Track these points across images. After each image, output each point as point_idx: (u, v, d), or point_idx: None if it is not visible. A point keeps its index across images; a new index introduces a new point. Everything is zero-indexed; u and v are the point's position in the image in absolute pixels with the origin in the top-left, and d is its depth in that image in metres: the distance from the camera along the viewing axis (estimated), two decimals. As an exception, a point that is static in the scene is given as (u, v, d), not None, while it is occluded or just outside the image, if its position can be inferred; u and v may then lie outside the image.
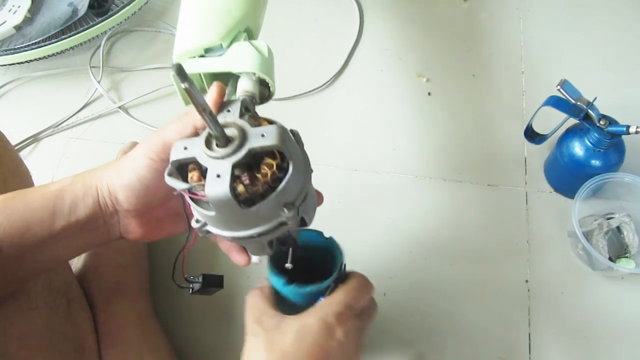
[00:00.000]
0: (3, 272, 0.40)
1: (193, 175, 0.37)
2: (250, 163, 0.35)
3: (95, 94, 0.83)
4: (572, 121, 0.61)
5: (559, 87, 0.58)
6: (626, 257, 0.61)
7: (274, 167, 0.36)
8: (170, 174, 0.37)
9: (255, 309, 0.42)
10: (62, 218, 0.40)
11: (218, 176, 0.34)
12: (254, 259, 0.43)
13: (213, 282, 0.51)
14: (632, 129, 0.55)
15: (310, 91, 0.79)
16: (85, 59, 0.86)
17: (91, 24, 0.82)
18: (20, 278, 0.43)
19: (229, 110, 0.38)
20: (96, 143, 0.79)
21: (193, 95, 0.32)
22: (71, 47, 0.83)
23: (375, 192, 0.70)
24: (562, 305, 0.61)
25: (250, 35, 0.49)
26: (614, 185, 0.62)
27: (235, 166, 0.34)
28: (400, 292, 0.62)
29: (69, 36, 0.81)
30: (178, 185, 0.36)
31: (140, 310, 0.58)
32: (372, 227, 0.67)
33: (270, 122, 0.38)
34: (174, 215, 0.44)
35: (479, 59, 0.80)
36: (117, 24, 0.86)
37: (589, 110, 0.57)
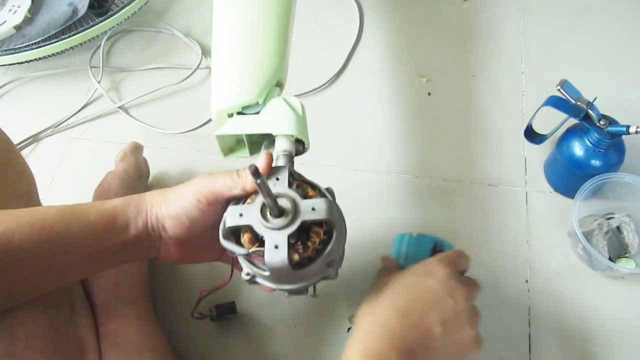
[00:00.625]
0: (48, 276, 0.44)
1: (245, 237, 0.42)
2: (300, 231, 0.41)
3: (95, 94, 0.83)
4: (572, 121, 0.61)
5: (559, 87, 0.58)
6: (626, 257, 0.61)
7: (322, 234, 0.42)
8: (226, 238, 0.43)
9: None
10: (113, 235, 0.44)
11: (276, 247, 0.40)
12: (285, 294, 0.47)
13: (226, 311, 0.60)
14: (632, 129, 0.55)
15: (310, 91, 0.79)
16: (85, 59, 0.86)
17: (91, 24, 0.82)
18: (57, 284, 0.47)
19: (277, 179, 0.44)
20: (96, 143, 0.79)
21: (262, 185, 0.38)
22: (71, 47, 0.83)
23: (375, 192, 0.70)
24: (562, 305, 0.61)
25: (280, 86, 0.53)
26: (614, 185, 0.62)
27: (290, 237, 0.40)
28: (400, 292, 0.62)
29: (69, 36, 0.81)
30: (237, 250, 0.42)
31: (140, 312, 0.58)
32: (372, 227, 0.67)
33: (313, 186, 0.45)
34: (207, 245, 0.49)
35: (479, 59, 0.80)
36: (117, 24, 0.86)
37: (589, 110, 0.57)
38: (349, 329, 0.61)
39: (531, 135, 0.68)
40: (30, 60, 0.83)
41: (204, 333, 0.62)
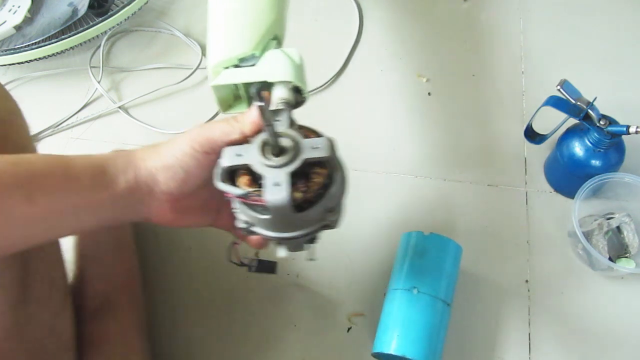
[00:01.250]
0: (30, 225, 0.39)
1: (242, 180, 0.39)
2: (301, 172, 0.39)
3: (95, 94, 0.83)
4: (572, 121, 0.61)
5: (559, 87, 0.58)
6: (626, 257, 0.61)
7: (324, 175, 0.40)
8: (222, 179, 0.39)
9: None
10: (101, 186, 0.40)
11: (277, 185, 0.37)
12: (282, 253, 0.44)
13: (266, 268, 0.59)
14: (632, 129, 0.55)
15: (310, 91, 0.79)
16: (85, 59, 0.86)
17: (91, 24, 0.83)
18: (38, 236, 0.42)
19: (277, 120, 0.41)
20: (96, 143, 0.79)
21: (265, 112, 0.36)
22: (71, 47, 0.83)
23: (375, 192, 0.70)
24: (562, 305, 0.61)
25: (279, 41, 0.51)
26: (614, 185, 0.62)
27: (291, 175, 0.38)
28: (400, 292, 0.62)
29: (69, 36, 0.81)
30: (234, 191, 0.38)
31: (127, 326, 0.57)
32: (372, 227, 0.67)
33: (314, 131, 0.42)
34: (201, 207, 0.46)
35: (479, 59, 0.80)
36: (117, 24, 0.86)
37: (589, 110, 0.57)
38: (349, 329, 0.61)
39: (531, 135, 0.68)
40: (30, 60, 0.83)
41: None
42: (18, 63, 0.83)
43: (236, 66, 0.48)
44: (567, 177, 0.64)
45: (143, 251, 0.66)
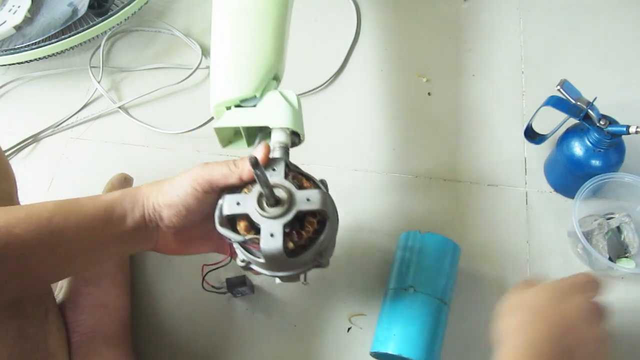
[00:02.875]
0: (48, 268, 0.44)
1: (241, 225, 0.44)
2: (295, 220, 0.43)
3: (95, 94, 0.83)
4: (572, 121, 0.61)
5: (559, 87, 0.58)
6: (626, 257, 0.61)
7: (315, 224, 0.44)
8: (222, 225, 0.44)
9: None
10: (111, 227, 0.45)
11: (272, 235, 0.41)
12: (277, 281, 0.48)
13: (238, 284, 0.60)
14: (632, 129, 0.55)
15: (309, 91, 0.79)
16: (85, 59, 0.86)
17: (91, 24, 0.82)
18: (57, 275, 0.48)
19: (274, 169, 0.45)
20: (96, 143, 0.79)
21: (261, 176, 0.39)
22: (71, 47, 0.83)
23: (375, 192, 0.70)
24: (562, 305, 0.61)
25: (277, 79, 0.54)
26: (614, 185, 0.62)
27: (285, 226, 0.42)
28: (400, 292, 0.62)
29: (69, 36, 0.81)
30: (234, 237, 0.43)
31: (119, 351, 0.56)
32: (371, 227, 0.67)
33: (308, 177, 0.46)
34: (203, 236, 0.51)
35: (479, 59, 0.80)
36: (117, 24, 0.86)
37: (589, 110, 0.57)
38: (349, 329, 0.61)
39: (531, 135, 0.68)
40: (30, 60, 0.83)
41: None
42: (18, 63, 0.83)
43: (237, 106, 0.52)
44: (567, 177, 0.64)
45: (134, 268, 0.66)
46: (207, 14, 0.57)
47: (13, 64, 0.83)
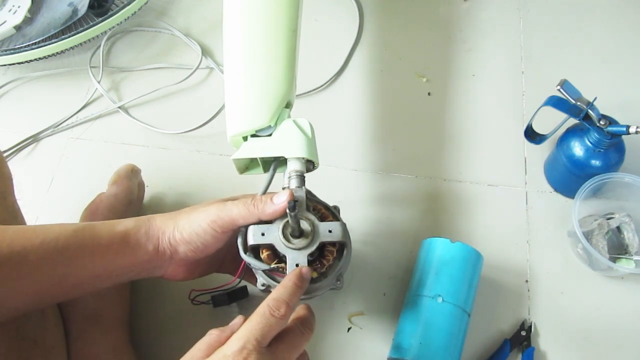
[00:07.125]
0: (57, 292, 0.45)
1: (264, 253, 0.47)
2: (316, 249, 0.46)
3: (95, 94, 0.83)
4: (572, 121, 0.61)
5: (559, 87, 0.58)
6: (626, 257, 0.61)
7: (335, 252, 0.48)
8: (247, 253, 0.47)
9: None
10: (124, 257, 0.46)
11: (297, 265, 0.45)
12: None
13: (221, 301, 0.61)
14: (632, 129, 0.55)
15: (309, 91, 0.79)
16: (85, 59, 0.86)
17: (91, 24, 0.82)
18: (66, 297, 0.49)
19: (296, 201, 0.46)
20: (96, 143, 0.79)
21: (294, 218, 0.44)
22: (71, 47, 0.83)
23: (375, 192, 0.70)
24: (562, 305, 0.61)
25: (290, 106, 0.56)
26: (614, 185, 0.62)
27: (308, 256, 0.46)
28: (400, 292, 0.62)
29: (69, 36, 0.81)
30: (260, 266, 0.46)
31: (117, 342, 0.56)
32: (372, 228, 0.67)
33: (326, 207, 0.51)
34: (209, 262, 0.53)
35: (479, 59, 0.80)
36: (117, 24, 0.86)
37: (589, 110, 0.58)
38: (349, 329, 0.61)
39: (531, 135, 0.68)
40: (30, 60, 0.83)
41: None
42: (18, 63, 0.83)
43: (254, 135, 0.54)
44: (567, 177, 0.64)
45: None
46: (207, 14, 0.57)
47: (13, 64, 0.83)
